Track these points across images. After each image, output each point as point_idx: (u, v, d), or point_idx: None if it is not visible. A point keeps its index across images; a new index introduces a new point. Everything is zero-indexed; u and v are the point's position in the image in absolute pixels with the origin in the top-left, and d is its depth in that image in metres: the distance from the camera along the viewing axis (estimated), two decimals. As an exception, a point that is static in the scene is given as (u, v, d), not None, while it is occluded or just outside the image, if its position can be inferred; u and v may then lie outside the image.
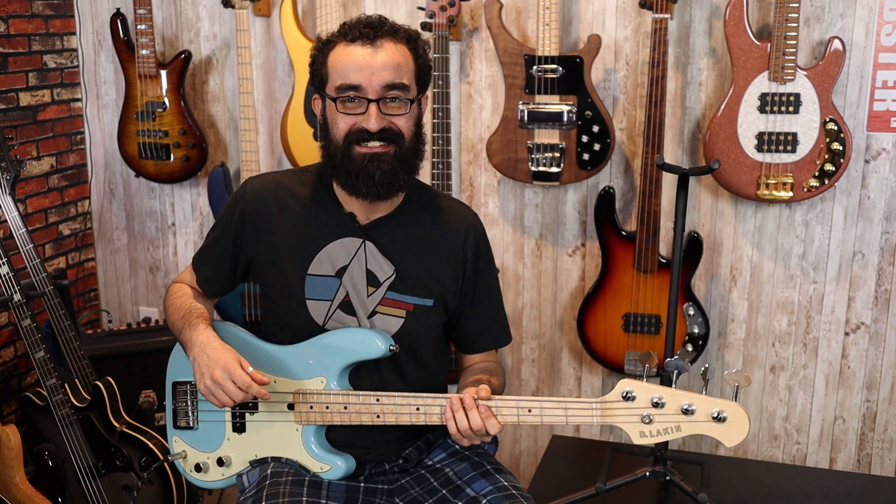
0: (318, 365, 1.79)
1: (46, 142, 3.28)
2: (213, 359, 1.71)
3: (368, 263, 1.84)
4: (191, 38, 3.22)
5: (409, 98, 1.76)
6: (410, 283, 1.84)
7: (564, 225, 3.00)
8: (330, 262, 1.84)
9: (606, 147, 2.75)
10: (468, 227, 1.89)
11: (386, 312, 1.84)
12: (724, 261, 2.90)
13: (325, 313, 1.83)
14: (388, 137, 1.74)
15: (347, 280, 1.83)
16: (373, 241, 1.84)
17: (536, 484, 2.60)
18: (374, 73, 1.72)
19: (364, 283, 1.84)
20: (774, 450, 2.99)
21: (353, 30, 1.76)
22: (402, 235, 1.86)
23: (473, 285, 1.90)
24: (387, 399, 1.73)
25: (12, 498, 2.58)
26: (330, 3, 2.82)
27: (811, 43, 2.68)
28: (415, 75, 1.78)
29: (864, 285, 2.81)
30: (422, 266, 1.85)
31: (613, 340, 2.85)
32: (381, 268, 1.84)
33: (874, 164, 2.73)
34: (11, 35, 3.09)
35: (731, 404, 1.55)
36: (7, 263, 2.48)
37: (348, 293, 1.83)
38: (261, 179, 1.92)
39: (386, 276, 1.84)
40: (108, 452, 2.62)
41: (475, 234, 1.90)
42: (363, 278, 1.84)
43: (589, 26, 2.84)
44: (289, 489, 1.76)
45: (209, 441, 1.89)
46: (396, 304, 1.85)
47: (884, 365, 2.84)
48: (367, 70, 1.72)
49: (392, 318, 1.84)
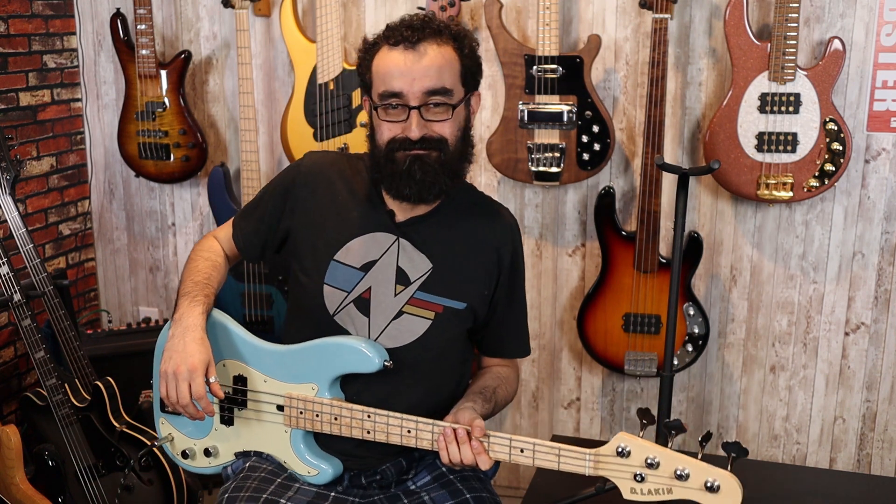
0: (311, 371, 1.75)
1: (46, 142, 3.28)
2: (188, 352, 1.67)
3: (400, 260, 1.80)
4: (191, 38, 3.22)
5: (451, 103, 1.72)
6: (444, 284, 1.80)
7: (564, 225, 3.00)
8: (359, 254, 1.81)
9: (606, 147, 2.75)
10: (508, 231, 1.86)
11: (413, 313, 1.79)
12: (724, 261, 2.90)
13: (338, 303, 1.80)
14: (431, 144, 1.72)
15: (373, 276, 1.80)
16: (407, 239, 1.80)
17: (536, 484, 2.60)
18: (416, 78, 1.69)
19: (392, 282, 1.80)
20: (774, 450, 2.99)
21: (395, 32, 1.72)
22: (439, 234, 1.82)
23: (506, 291, 1.87)
24: (379, 417, 1.69)
25: (12, 498, 2.58)
26: (330, 3, 2.82)
27: (811, 43, 2.68)
28: (461, 76, 1.74)
29: (864, 285, 2.81)
30: (458, 267, 1.81)
31: (613, 340, 2.85)
32: (415, 265, 1.80)
33: (874, 164, 2.73)
34: (11, 35, 3.09)
35: (726, 475, 1.52)
36: (7, 263, 2.48)
37: (370, 289, 1.80)
38: (320, 155, 1.96)
39: (420, 273, 1.80)
40: (108, 452, 2.62)
41: (513, 239, 1.87)
42: (392, 276, 1.80)
43: (589, 26, 2.84)
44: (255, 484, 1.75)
45: (197, 429, 1.87)
46: (425, 304, 1.80)
47: (884, 365, 2.84)
48: (409, 76, 1.69)
49: (419, 320, 1.80)
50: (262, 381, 1.79)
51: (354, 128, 2.92)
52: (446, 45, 1.73)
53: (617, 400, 3.08)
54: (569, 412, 3.14)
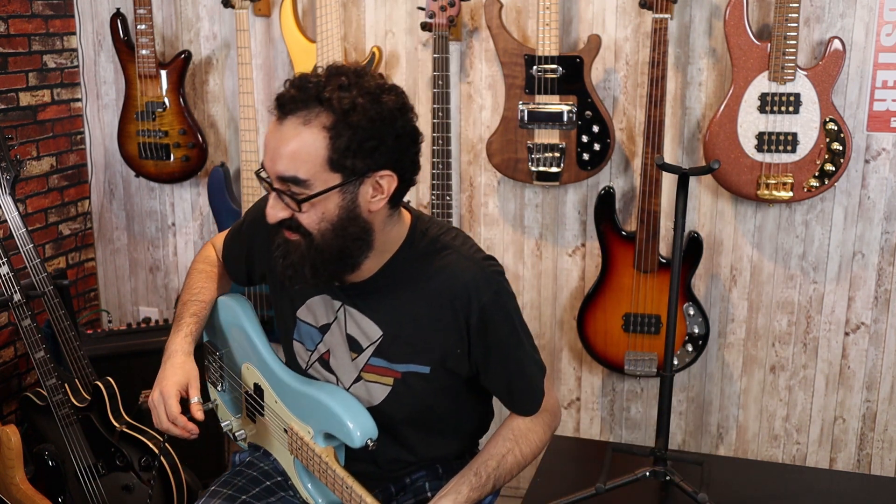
0: (308, 414, 1.71)
1: (46, 142, 3.28)
2: (163, 377, 1.67)
3: (348, 328, 1.69)
4: (191, 38, 3.22)
5: (304, 195, 1.50)
6: (399, 349, 1.66)
7: (564, 225, 3.00)
8: (316, 314, 1.73)
9: (606, 147, 2.75)
10: (470, 289, 1.62)
11: (371, 380, 1.69)
12: (724, 261, 2.90)
13: (306, 360, 1.76)
14: (292, 228, 1.55)
15: (328, 340, 1.72)
16: (353, 306, 1.68)
17: (536, 484, 2.60)
18: (273, 159, 1.51)
19: (345, 348, 1.70)
20: (774, 450, 2.99)
21: (278, 98, 1.52)
22: (387, 298, 1.66)
23: (483, 352, 1.67)
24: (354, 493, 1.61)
25: (12, 498, 2.58)
26: (330, 3, 2.82)
27: (811, 43, 2.68)
28: (328, 163, 1.48)
29: (864, 285, 2.81)
30: (414, 330, 1.66)
31: (613, 340, 2.85)
32: (365, 332, 1.68)
33: (874, 164, 2.73)
34: (11, 35, 3.09)
35: None
36: (7, 263, 2.48)
37: (329, 352, 1.72)
38: None
39: (370, 341, 1.68)
40: (108, 452, 2.62)
41: (480, 296, 1.62)
42: (344, 343, 1.70)
43: (589, 26, 2.84)
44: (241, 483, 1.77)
45: (232, 407, 1.93)
46: (382, 371, 1.68)
47: (884, 365, 2.84)
48: (269, 155, 1.51)
49: (378, 386, 1.69)
50: (274, 401, 1.78)
51: (354, 128, 2.92)
52: (314, 124, 1.48)
53: (617, 400, 3.08)
54: (569, 412, 3.14)
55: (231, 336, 1.89)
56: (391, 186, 1.55)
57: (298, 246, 1.55)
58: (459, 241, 1.69)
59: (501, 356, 1.68)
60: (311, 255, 1.55)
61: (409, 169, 1.58)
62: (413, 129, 1.56)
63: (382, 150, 1.51)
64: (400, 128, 1.52)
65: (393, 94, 1.53)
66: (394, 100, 1.52)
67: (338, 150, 1.48)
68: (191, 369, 1.69)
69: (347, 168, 1.49)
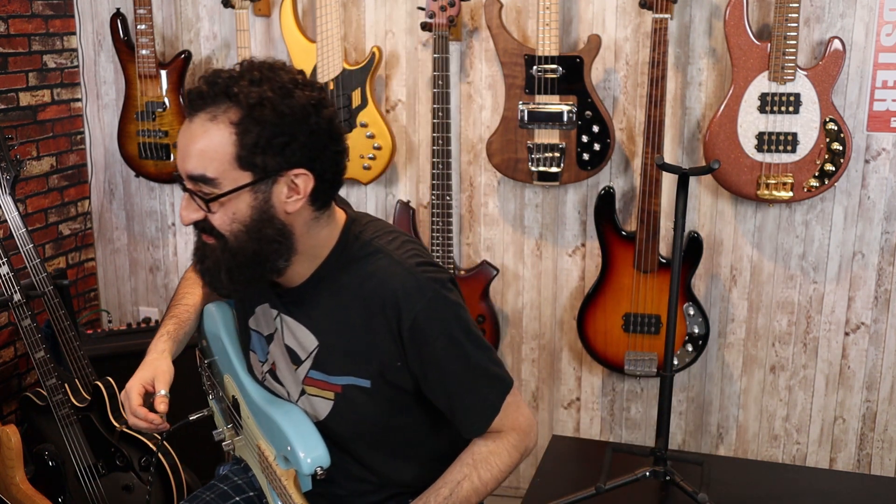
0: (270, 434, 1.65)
1: (46, 142, 3.28)
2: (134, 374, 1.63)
3: (286, 338, 1.62)
4: (191, 38, 3.22)
5: (213, 194, 1.44)
6: (336, 361, 1.57)
7: (564, 225, 3.00)
8: (263, 323, 1.67)
9: (606, 147, 2.75)
10: (399, 297, 1.50)
11: (313, 393, 1.61)
12: (724, 261, 2.90)
13: (260, 371, 1.70)
14: (206, 230, 1.50)
15: (273, 351, 1.65)
16: (289, 314, 1.61)
17: (536, 484, 2.60)
18: (182, 157, 1.45)
19: (286, 360, 1.63)
20: (774, 450, 2.99)
21: (188, 93, 1.47)
22: (323, 305, 1.57)
23: (420, 366, 1.55)
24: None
25: (12, 498, 2.58)
26: (330, 3, 2.82)
27: (811, 43, 2.68)
28: (237, 160, 1.41)
29: (864, 285, 2.81)
30: (350, 339, 1.56)
31: (613, 340, 2.85)
32: (301, 343, 1.60)
33: (874, 164, 2.73)
34: (11, 35, 3.09)
35: None
36: (7, 263, 2.48)
37: (275, 364, 1.66)
38: None
39: (307, 352, 1.60)
40: (108, 452, 2.62)
41: (412, 305, 1.50)
42: (284, 354, 1.63)
43: (589, 26, 2.84)
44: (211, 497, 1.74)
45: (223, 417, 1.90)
46: (321, 384, 1.60)
47: (884, 365, 2.84)
48: (179, 152, 1.46)
49: (321, 400, 1.60)
50: (248, 416, 1.72)
51: (354, 128, 2.92)
52: (221, 120, 1.42)
53: (617, 400, 3.08)
54: (569, 412, 3.14)
55: (215, 346, 1.84)
56: (307, 186, 1.46)
57: (214, 249, 1.49)
58: (395, 244, 1.58)
59: (439, 371, 1.55)
60: (225, 259, 1.48)
61: (329, 168, 1.48)
62: (331, 126, 1.47)
63: (294, 148, 1.43)
64: (314, 124, 1.44)
65: (308, 89, 1.46)
66: (308, 95, 1.45)
67: (246, 147, 1.41)
68: (160, 365, 1.64)
69: (257, 166, 1.42)
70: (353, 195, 3.14)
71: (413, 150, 3.07)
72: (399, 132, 3.04)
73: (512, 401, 1.60)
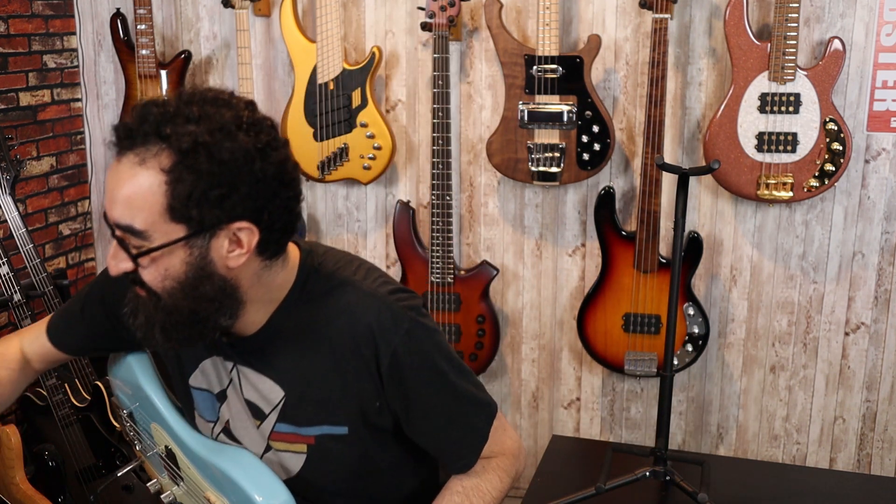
0: (220, 484, 1.49)
1: (46, 142, 3.28)
2: None
3: (245, 392, 1.46)
4: (191, 38, 3.22)
5: (144, 248, 1.26)
6: (307, 411, 1.43)
7: (564, 225, 3.00)
8: (210, 379, 1.50)
9: (606, 147, 2.75)
10: (375, 331, 1.38)
11: (282, 448, 1.46)
12: (724, 261, 2.90)
13: (210, 432, 1.54)
14: (137, 283, 1.31)
15: (227, 408, 1.49)
16: (247, 364, 1.45)
17: (536, 484, 2.60)
18: (109, 203, 1.26)
19: (247, 416, 1.47)
20: (774, 450, 2.99)
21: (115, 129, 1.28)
22: (286, 350, 1.42)
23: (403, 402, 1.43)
24: None
25: (12, 498, 2.58)
26: (330, 3, 2.82)
27: (811, 43, 2.68)
28: (169, 211, 1.23)
29: (864, 285, 2.81)
30: (321, 385, 1.42)
31: (613, 340, 2.85)
32: (264, 395, 1.45)
33: (874, 164, 2.73)
34: (11, 35, 3.09)
35: None
36: (7, 263, 2.49)
37: (229, 422, 1.50)
38: None
39: (272, 405, 1.44)
40: (108, 452, 2.62)
41: (389, 338, 1.38)
42: (244, 410, 1.47)
43: (589, 26, 2.84)
44: None
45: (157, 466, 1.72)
46: (292, 437, 1.45)
47: (884, 365, 2.84)
48: (107, 196, 1.27)
49: (291, 455, 1.47)
50: (187, 466, 1.57)
51: (354, 128, 2.92)
52: (151, 165, 1.22)
53: (617, 400, 3.08)
54: (569, 412, 3.14)
55: (135, 394, 1.67)
56: (252, 240, 1.29)
57: (146, 305, 1.31)
58: (361, 273, 1.44)
59: (424, 405, 1.44)
60: (159, 317, 1.30)
61: (280, 218, 1.30)
62: (281, 172, 1.28)
63: (235, 200, 1.24)
64: (259, 172, 1.25)
65: (254, 130, 1.26)
66: (253, 138, 1.25)
67: (179, 198, 1.22)
68: None
69: (192, 219, 1.24)
70: (353, 195, 3.15)
71: (413, 150, 3.07)
72: (399, 132, 3.04)
73: (498, 425, 1.51)
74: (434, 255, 2.90)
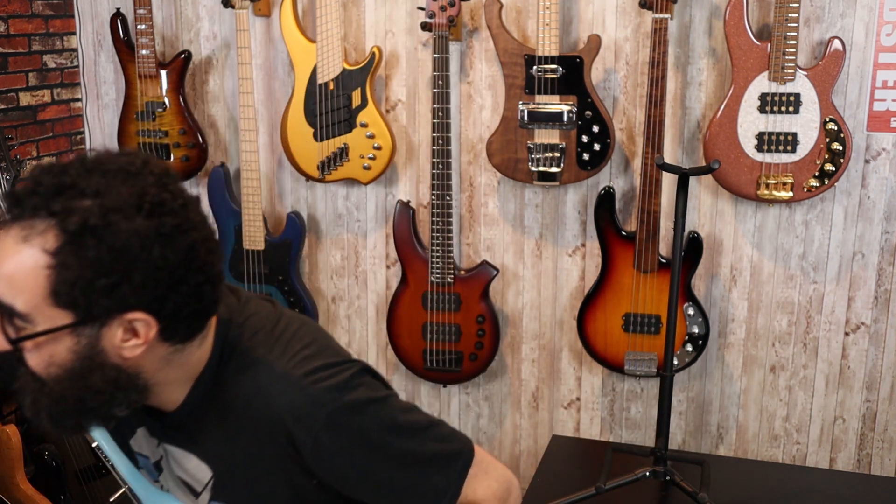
0: None
1: (46, 142, 3.28)
2: None
3: (175, 469, 1.37)
4: (191, 38, 3.22)
5: (25, 332, 1.13)
6: (239, 491, 1.32)
7: (564, 225, 3.00)
8: (144, 448, 1.41)
9: (606, 147, 2.75)
10: (288, 419, 1.24)
11: None
12: (724, 261, 2.90)
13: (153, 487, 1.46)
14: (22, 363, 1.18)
15: (164, 479, 1.41)
16: (172, 441, 1.34)
17: (536, 484, 2.60)
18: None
19: (182, 492, 1.39)
20: (774, 450, 2.99)
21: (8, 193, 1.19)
22: (209, 428, 1.30)
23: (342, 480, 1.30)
24: None
25: (12, 498, 2.58)
26: (330, 3, 2.82)
27: (811, 43, 2.68)
28: (53, 298, 1.10)
29: (864, 285, 2.81)
30: (248, 467, 1.30)
31: (613, 340, 2.85)
32: (193, 474, 1.35)
33: (874, 164, 2.73)
34: (11, 35, 3.09)
35: None
36: (7, 263, 2.48)
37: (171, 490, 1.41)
38: None
39: (202, 483, 1.34)
40: (108, 452, 2.62)
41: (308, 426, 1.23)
42: (178, 485, 1.39)
43: (589, 26, 2.84)
44: None
45: None
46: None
47: (884, 365, 2.84)
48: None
49: None
50: None
51: (354, 128, 2.92)
52: (35, 244, 1.09)
53: (617, 400, 3.08)
54: (569, 412, 3.14)
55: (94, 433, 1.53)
56: (149, 332, 1.15)
57: (32, 388, 1.18)
58: (278, 350, 1.28)
59: (368, 482, 1.30)
60: (45, 402, 1.17)
61: (187, 306, 1.16)
62: (188, 258, 1.14)
63: (127, 290, 1.11)
64: (158, 259, 1.11)
65: (158, 212, 1.12)
66: (155, 222, 1.11)
67: (64, 284, 1.09)
68: None
69: (79, 306, 1.11)
70: (353, 195, 3.15)
71: (413, 150, 3.07)
72: (399, 132, 3.04)
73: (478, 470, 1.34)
74: (434, 255, 2.90)
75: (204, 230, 1.17)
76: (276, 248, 3.08)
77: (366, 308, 3.24)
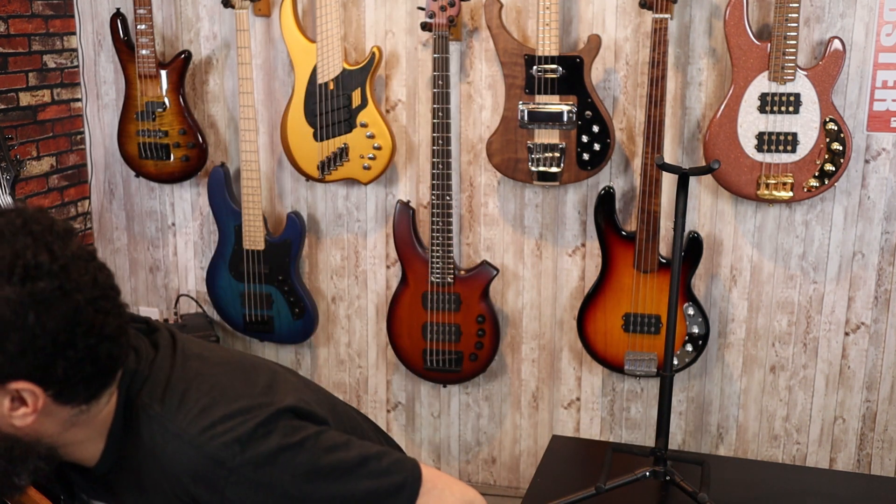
0: None
1: (46, 142, 3.28)
2: None
3: None
4: (191, 38, 3.22)
5: None
6: None
7: (564, 225, 3.00)
8: None
9: (606, 147, 2.75)
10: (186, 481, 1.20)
11: None
12: (724, 261, 2.90)
13: None
14: None
15: None
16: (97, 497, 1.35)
17: (536, 484, 2.60)
18: None
19: None
20: (774, 450, 2.99)
21: None
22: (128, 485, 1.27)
23: None
24: None
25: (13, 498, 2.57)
26: (330, 3, 2.82)
27: (811, 43, 2.68)
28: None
29: (864, 285, 2.81)
30: None
31: (613, 340, 2.85)
32: None
33: (874, 164, 2.73)
34: (11, 35, 3.09)
35: None
36: (7, 263, 2.48)
37: None
38: None
39: None
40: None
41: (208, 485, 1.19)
42: None
43: (589, 26, 2.84)
44: None
45: None
46: None
47: (884, 365, 2.84)
48: None
49: None
50: None
51: (354, 128, 2.92)
52: None
53: (617, 400, 3.08)
54: (569, 412, 3.14)
55: None
56: (38, 401, 1.11)
57: None
58: (173, 404, 1.22)
59: None
60: None
61: (82, 370, 1.12)
62: (72, 323, 1.09)
63: (2, 360, 1.07)
64: (35, 327, 1.06)
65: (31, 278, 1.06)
66: (28, 288, 1.06)
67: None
68: None
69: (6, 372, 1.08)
70: (353, 195, 3.15)
71: (413, 150, 3.07)
72: (399, 132, 3.04)
73: (428, 498, 1.27)
74: (434, 255, 2.90)
75: (92, 290, 1.10)
76: (276, 248, 3.08)
77: (366, 308, 3.24)
